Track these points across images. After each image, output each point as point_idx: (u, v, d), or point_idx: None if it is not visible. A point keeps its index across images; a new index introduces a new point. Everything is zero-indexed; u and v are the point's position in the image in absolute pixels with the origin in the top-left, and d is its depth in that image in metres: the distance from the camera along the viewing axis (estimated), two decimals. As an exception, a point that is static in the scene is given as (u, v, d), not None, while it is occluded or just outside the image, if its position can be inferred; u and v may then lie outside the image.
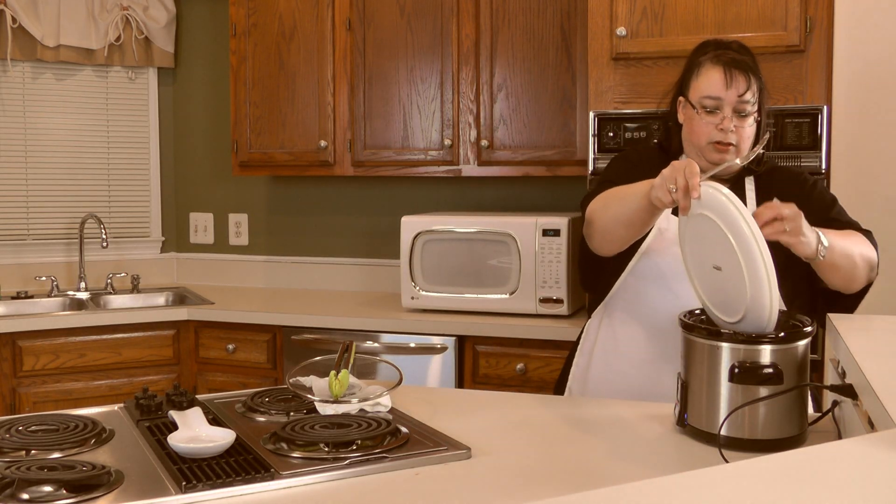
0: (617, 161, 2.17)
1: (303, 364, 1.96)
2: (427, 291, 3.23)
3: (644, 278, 1.99)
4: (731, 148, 1.92)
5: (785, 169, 2.11)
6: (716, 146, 1.92)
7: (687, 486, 0.95)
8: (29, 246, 3.92)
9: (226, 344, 3.41)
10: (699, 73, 1.96)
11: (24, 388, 3.24)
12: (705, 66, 1.95)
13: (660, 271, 1.97)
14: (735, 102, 1.90)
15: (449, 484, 1.38)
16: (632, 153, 2.19)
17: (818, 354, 2.53)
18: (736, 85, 1.90)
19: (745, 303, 1.54)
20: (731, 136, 1.91)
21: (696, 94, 1.94)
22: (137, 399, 1.76)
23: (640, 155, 2.14)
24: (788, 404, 1.53)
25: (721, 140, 1.91)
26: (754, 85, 1.92)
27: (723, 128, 1.91)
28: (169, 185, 4.24)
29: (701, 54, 1.99)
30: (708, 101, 1.92)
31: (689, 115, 1.97)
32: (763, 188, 2.00)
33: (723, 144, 1.91)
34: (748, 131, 1.93)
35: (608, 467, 1.46)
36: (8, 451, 1.49)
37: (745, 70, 1.91)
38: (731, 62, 1.92)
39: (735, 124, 1.91)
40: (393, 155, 3.49)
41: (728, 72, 1.91)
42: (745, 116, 1.92)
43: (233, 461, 1.42)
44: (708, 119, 1.92)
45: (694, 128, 1.95)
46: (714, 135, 1.92)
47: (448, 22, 3.38)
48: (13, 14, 3.73)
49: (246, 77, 3.69)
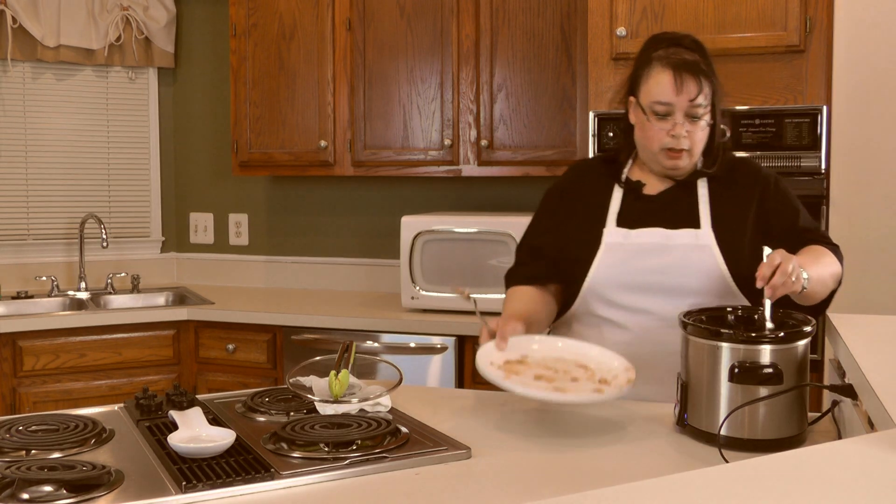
0: (542, 210, 2.10)
1: (303, 364, 1.96)
2: (427, 291, 3.23)
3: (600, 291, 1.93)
4: (684, 153, 1.87)
5: (743, 165, 2.01)
6: (668, 153, 1.87)
7: (687, 486, 0.95)
8: (29, 246, 3.92)
9: (226, 344, 3.41)
10: (649, 76, 1.88)
11: (24, 388, 3.24)
12: (655, 69, 1.87)
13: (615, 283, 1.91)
14: (686, 107, 1.84)
15: (449, 484, 1.38)
16: (563, 182, 2.09)
17: (818, 354, 2.53)
18: (686, 90, 1.83)
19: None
20: (684, 141, 1.85)
21: (647, 99, 1.88)
22: (137, 399, 1.76)
23: (573, 179, 2.07)
24: (788, 404, 1.53)
25: (673, 146, 1.86)
26: (706, 87, 1.85)
27: (674, 134, 1.85)
28: (169, 185, 4.24)
29: (652, 51, 1.91)
30: (658, 106, 1.85)
31: (641, 119, 1.91)
32: (718, 189, 1.93)
33: (675, 151, 1.86)
34: (700, 135, 1.87)
35: (608, 467, 1.46)
36: (8, 451, 1.49)
37: (695, 73, 1.83)
38: (681, 65, 1.84)
39: (687, 129, 1.85)
40: (393, 155, 3.49)
41: (678, 76, 1.83)
42: (698, 120, 1.85)
43: (233, 461, 1.42)
44: (659, 125, 1.86)
45: (646, 133, 1.90)
46: (666, 141, 1.86)
47: (448, 22, 3.38)
48: (13, 14, 3.72)
49: (246, 77, 3.69)
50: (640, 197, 1.96)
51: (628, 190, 1.97)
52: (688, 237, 1.88)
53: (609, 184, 2.00)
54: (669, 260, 1.87)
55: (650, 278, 1.88)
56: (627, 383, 1.63)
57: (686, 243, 1.87)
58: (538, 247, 2.04)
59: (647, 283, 1.88)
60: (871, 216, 2.62)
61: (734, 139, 2.70)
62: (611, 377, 1.67)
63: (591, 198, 2.01)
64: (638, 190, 1.97)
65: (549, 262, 2.01)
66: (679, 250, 1.87)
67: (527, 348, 1.76)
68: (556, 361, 1.72)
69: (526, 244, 2.10)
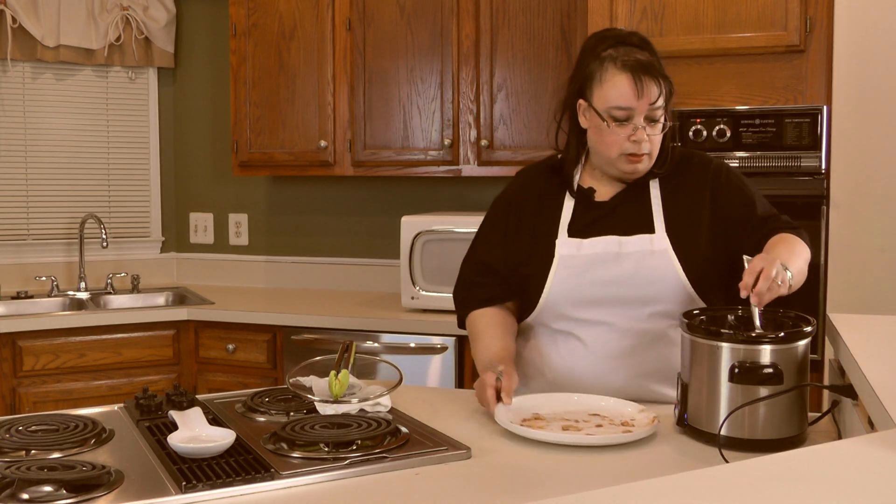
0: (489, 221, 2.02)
1: (303, 364, 1.96)
2: (427, 291, 3.23)
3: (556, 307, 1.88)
4: (645, 157, 1.82)
5: (693, 158, 1.94)
6: (628, 158, 1.81)
7: (687, 486, 0.95)
8: (29, 246, 3.92)
9: (226, 344, 3.41)
10: (603, 79, 1.80)
11: (24, 388, 3.24)
12: (610, 72, 1.80)
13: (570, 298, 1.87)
14: (646, 110, 1.78)
15: (449, 484, 1.38)
16: (510, 192, 2.01)
17: (818, 354, 2.53)
18: (647, 93, 1.77)
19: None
20: (645, 146, 1.80)
21: (603, 104, 1.80)
22: (137, 399, 1.76)
23: (521, 188, 2.00)
24: (788, 404, 1.53)
25: (635, 151, 1.80)
26: (664, 89, 1.80)
27: (636, 139, 1.79)
28: (169, 185, 4.24)
29: (601, 50, 1.83)
30: (618, 111, 1.79)
31: (596, 123, 1.83)
32: (670, 189, 1.89)
33: (636, 155, 1.81)
34: (659, 137, 1.83)
35: (608, 467, 1.46)
36: (8, 451, 1.49)
37: (654, 75, 1.78)
38: (638, 67, 1.77)
39: (648, 133, 1.80)
40: (393, 155, 3.49)
41: (638, 79, 1.77)
42: (656, 122, 1.81)
43: (233, 461, 1.42)
44: (619, 130, 1.80)
45: (603, 139, 1.83)
46: (627, 147, 1.80)
47: (448, 22, 3.38)
48: (13, 14, 3.72)
49: (246, 77, 3.69)
50: (592, 204, 1.91)
51: (580, 198, 1.92)
52: (642, 243, 1.83)
53: (558, 192, 1.94)
54: (624, 269, 1.82)
55: (606, 290, 1.83)
56: (654, 421, 1.62)
57: (640, 250, 1.83)
58: (488, 263, 1.97)
59: (602, 295, 1.84)
60: (871, 216, 2.62)
61: (736, 139, 2.71)
62: (629, 419, 1.67)
63: (540, 208, 1.94)
64: (590, 197, 1.91)
65: (501, 279, 1.95)
66: (633, 258, 1.82)
67: (532, 406, 1.74)
68: (569, 414, 1.71)
69: (474, 260, 2.02)
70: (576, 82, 1.88)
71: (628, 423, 1.65)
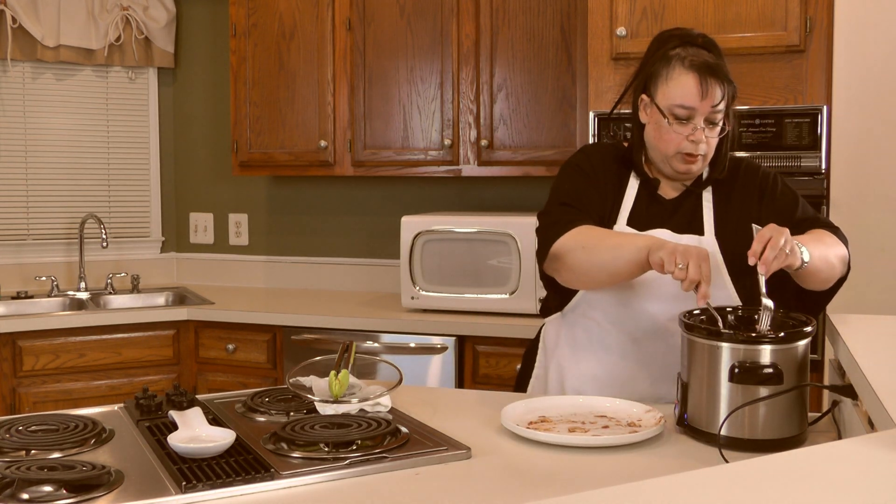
0: (569, 175, 1.98)
1: (303, 364, 1.96)
2: (427, 291, 3.23)
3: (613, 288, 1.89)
4: (699, 158, 1.84)
5: (742, 165, 1.96)
6: (684, 157, 1.84)
7: (687, 486, 0.95)
8: (29, 246, 3.92)
9: (226, 344, 3.41)
10: (669, 77, 1.83)
11: (24, 388, 3.24)
12: (677, 70, 1.82)
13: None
14: (708, 112, 1.81)
15: (449, 484, 1.38)
16: (583, 161, 1.99)
17: (818, 354, 2.53)
18: (711, 94, 1.79)
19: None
20: (701, 147, 1.82)
21: (666, 101, 1.82)
22: (137, 399, 1.76)
23: (593, 162, 1.97)
24: (788, 404, 1.53)
25: (691, 151, 1.82)
26: (728, 92, 1.82)
27: (694, 139, 1.81)
28: (169, 185, 4.24)
29: (668, 49, 1.85)
30: (680, 110, 1.81)
31: (657, 120, 1.85)
32: (721, 195, 1.91)
33: (691, 156, 1.83)
34: (716, 141, 1.85)
35: (608, 467, 1.46)
36: (8, 451, 1.49)
37: (720, 77, 1.80)
38: (705, 68, 1.79)
39: (706, 134, 1.82)
40: (393, 155, 3.49)
41: (703, 80, 1.79)
42: (715, 126, 1.83)
43: (233, 461, 1.42)
44: (678, 129, 1.82)
45: (662, 135, 1.85)
46: (684, 146, 1.82)
47: (448, 22, 3.38)
48: (13, 14, 3.72)
49: (246, 77, 3.69)
50: (654, 197, 1.92)
51: (644, 186, 1.92)
52: (692, 243, 1.84)
53: (620, 178, 1.95)
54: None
55: (652, 279, 1.84)
56: (661, 421, 1.62)
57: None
58: (571, 204, 1.91)
59: (648, 284, 1.85)
60: (871, 216, 2.62)
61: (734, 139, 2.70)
62: (636, 420, 1.67)
63: (605, 185, 1.94)
64: (653, 190, 1.92)
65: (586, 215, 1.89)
66: None
67: (539, 409, 1.73)
68: (576, 416, 1.71)
69: (557, 202, 1.94)
70: (641, 77, 1.91)
71: (635, 423, 1.65)
